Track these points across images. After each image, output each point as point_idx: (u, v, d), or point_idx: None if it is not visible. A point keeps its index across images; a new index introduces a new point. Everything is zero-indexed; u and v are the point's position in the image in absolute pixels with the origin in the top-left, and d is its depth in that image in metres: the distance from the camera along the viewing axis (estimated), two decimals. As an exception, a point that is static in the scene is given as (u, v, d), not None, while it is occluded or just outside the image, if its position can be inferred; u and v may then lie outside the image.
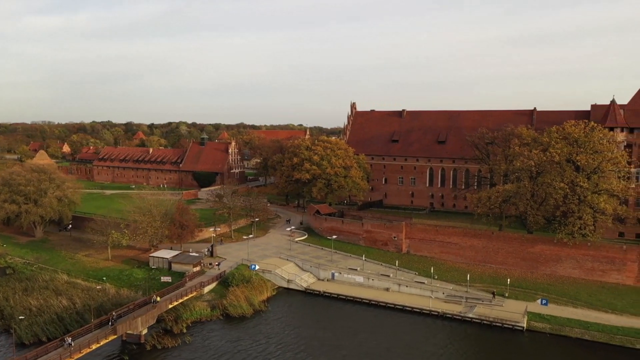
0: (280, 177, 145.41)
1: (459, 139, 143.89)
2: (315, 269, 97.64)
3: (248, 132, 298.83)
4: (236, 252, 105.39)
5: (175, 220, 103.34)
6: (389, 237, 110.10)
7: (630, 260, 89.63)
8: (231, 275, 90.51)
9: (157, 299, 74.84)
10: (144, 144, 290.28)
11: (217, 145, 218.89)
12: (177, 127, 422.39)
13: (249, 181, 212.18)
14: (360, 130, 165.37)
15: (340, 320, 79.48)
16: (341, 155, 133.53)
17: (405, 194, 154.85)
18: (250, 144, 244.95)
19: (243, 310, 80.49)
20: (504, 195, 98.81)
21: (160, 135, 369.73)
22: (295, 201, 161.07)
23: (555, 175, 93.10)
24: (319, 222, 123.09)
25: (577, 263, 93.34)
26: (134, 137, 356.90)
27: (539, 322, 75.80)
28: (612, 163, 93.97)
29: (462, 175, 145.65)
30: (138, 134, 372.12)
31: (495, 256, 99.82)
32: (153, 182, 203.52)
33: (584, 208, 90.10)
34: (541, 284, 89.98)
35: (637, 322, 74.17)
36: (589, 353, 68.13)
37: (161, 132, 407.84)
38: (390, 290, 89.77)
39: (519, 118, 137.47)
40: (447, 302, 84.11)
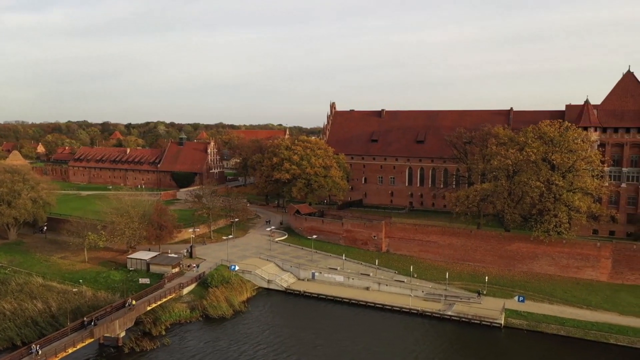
0: (260, 177, 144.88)
1: (438, 139, 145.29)
2: (296, 268, 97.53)
3: (227, 132, 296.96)
4: (216, 252, 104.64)
5: (154, 221, 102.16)
6: (369, 237, 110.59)
7: (604, 257, 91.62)
8: (211, 276, 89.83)
9: (132, 303, 73.76)
10: (121, 144, 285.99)
11: (195, 145, 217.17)
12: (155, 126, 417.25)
13: (228, 181, 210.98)
14: (340, 130, 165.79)
15: (320, 319, 79.60)
16: (321, 155, 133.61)
17: (384, 194, 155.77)
18: (230, 143, 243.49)
19: (223, 311, 79.98)
20: (482, 194, 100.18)
21: (137, 135, 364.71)
22: (275, 201, 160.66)
23: (531, 174, 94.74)
24: (299, 222, 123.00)
25: (553, 260, 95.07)
26: (111, 137, 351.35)
27: (516, 318, 76.97)
28: (586, 162, 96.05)
29: (440, 174, 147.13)
30: (115, 134, 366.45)
31: (474, 254, 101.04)
32: (131, 182, 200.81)
33: (559, 206, 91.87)
34: (518, 281, 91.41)
35: (611, 318, 75.89)
36: (564, 348, 69.41)
37: (139, 132, 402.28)
38: (370, 289, 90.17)
39: (496, 118, 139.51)
40: (427, 300, 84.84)
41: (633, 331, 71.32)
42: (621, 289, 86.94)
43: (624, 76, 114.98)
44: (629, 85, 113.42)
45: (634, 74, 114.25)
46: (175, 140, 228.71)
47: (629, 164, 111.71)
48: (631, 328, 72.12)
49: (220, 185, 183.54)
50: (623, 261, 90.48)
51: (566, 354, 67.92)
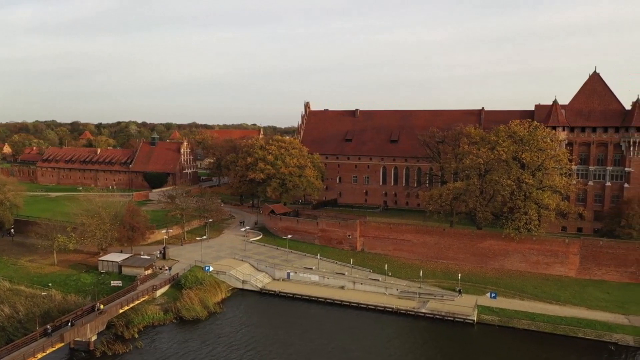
0: (234, 177, 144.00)
1: (411, 138, 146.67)
2: (271, 269, 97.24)
3: (200, 132, 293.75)
4: (189, 253, 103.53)
5: (126, 222, 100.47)
6: (344, 236, 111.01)
7: (572, 253, 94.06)
8: (184, 277, 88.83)
9: (100, 307, 72.21)
10: (92, 144, 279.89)
11: (168, 145, 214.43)
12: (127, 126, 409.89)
13: (202, 181, 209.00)
14: (314, 129, 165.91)
15: (295, 319, 79.60)
16: (295, 155, 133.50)
17: (359, 193, 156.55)
18: (203, 143, 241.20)
19: (197, 313, 79.18)
20: (455, 192, 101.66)
21: (108, 135, 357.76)
22: (249, 201, 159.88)
23: (502, 172, 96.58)
24: (274, 221, 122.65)
25: (524, 257, 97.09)
26: (81, 137, 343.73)
27: (488, 315, 78.34)
28: (555, 160, 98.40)
29: (414, 173, 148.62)
30: (85, 134, 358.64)
31: (447, 252, 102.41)
32: (101, 183, 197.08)
33: (529, 204, 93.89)
34: (490, 278, 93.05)
35: (579, 312, 77.95)
36: (535, 343, 70.91)
37: (110, 131, 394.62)
38: (345, 288, 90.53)
39: (467, 117, 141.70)
40: (401, 298, 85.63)
41: (600, 325, 73.37)
42: (588, 284, 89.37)
43: (590, 77, 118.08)
44: (595, 86, 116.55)
45: (599, 75, 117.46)
46: (148, 140, 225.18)
47: (596, 163, 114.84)
48: (598, 322, 74.19)
49: (193, 185, 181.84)
50: (590, 257, 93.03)
51: (536, 349, 69.37)
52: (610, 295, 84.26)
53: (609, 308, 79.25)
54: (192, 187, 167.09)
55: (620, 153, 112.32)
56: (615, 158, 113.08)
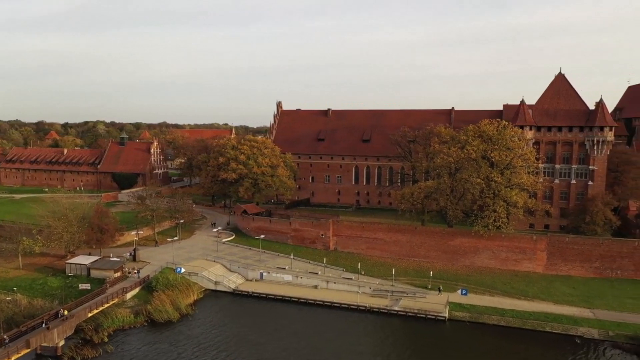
0: (206, 177, 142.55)
1: (383, 138, 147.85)
2: (244, 269, 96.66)
3: (171, 132, 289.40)
4: (161, 255, 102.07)
5: (94, 224, 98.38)
6: (317, 235, 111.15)
7: (539, 249, 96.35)
8: (155, 279, 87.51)
9: (64, 313, 70.38)
10: (58, 144, 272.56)
11: (138, 145, 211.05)
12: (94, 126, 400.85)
13: (173, 182, 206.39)
14: (287, 129, 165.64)
15: (267, 319, 79.35)
16: (268, 154, 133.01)
17: (332, 192, 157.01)
18: (174, 143, 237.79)
19: (169, 315, 78.10)
20: (426, 191, 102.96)
21: (75, 135, 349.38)
22: (221, 201, 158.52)
23: (472, 171, 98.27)
24: (247, 222, 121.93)
25: (493, 254, 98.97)
26: (46, 137, 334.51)
27: (459, 311, 79.58)
28: (522, 159, 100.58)
29: (386, 172, 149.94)
30: (51, 134, 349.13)
31: (419, 250, 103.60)
32: (68, 184, 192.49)
33: (498, 202, 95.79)
34: (461, 275, 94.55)
35: (546, 307, 79.90)
36: (504, 338, 72.39)
37: (76, 131, 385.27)
38: (319, 287, 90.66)
39: (438, 117, 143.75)
40: (374, 296, 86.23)
41: (566, 319, 75.37)
42: (555, 280, 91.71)
43: (555, 77, 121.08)
44: (560, 86, 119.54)
45: (564, 75, 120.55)
46: (116, 140, 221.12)
47: (561, 161, 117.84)
48: (565, 316, 76.19)
49: (164, 186, 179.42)
50: (557, 253, 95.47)
51: (506, 343, 70.86)
52: (576, 290, 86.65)
53: (574, 302, 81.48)
54: (162, 187, 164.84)
55: (584, 152, 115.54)
56: (580, 156, 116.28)
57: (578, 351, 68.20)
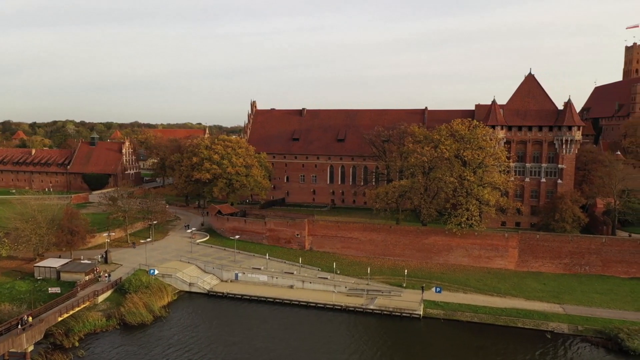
0: (179, 178, 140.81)
1: (358, 137, 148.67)
2: (218, 270, 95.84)
3: (143, 131, 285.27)
4: (133, 257, 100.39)
5: (64, 226, 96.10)
6: (292, 235, 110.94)
7: (511, 247, 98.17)
8: (128, 281, 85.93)
9: (28, 320, 68.40)
10: (25, 144, 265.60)
11: (109, 145, 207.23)
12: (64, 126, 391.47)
13: (145, 182, 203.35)
14: (261, 128, 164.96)
15: (242, 319, 78.88)
16: (242, 154, 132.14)
17: (307, 192, 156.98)
18: (146, 143, 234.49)
19: (142, 318, 76.81)
20: (400, 190, 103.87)
21: (44, 135, 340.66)
22: (195, 202, 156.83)
23: (445, 170, 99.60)
24: (221, 222, 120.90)
25: (466, 251, 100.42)
26: (13, 137, 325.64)
27: (434, 309, 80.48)
28: (494, 158, 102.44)
29: (360, 172, 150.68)
30: (18, 134, 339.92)
31: (394, 249, 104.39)
32: (37, 185, 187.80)
33: (471, 200, 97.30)
34: (435, 273, 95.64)
35: (518, 303, 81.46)
36: (478, 334, 73.54)
37: (45, 131, 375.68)
38: (294, 287, 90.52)
39: (412, 117, 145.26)
40: (350, 295, 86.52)
41: (537, 314, 77.00)
42: (527, 276, 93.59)
43: (526, 78, 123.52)
44: (530, 87, 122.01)
45: (534, 76, 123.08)
46: (87, 140, 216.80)
47: (532, 160, 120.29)
48: (536, 312, 77.83)
49: (136, 186, 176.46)
50: (528, 250, 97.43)
51: (479, 339, 71.94)
52: (546, 286, 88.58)
53: (545, 298, 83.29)
54: (135, 188, 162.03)
55: (554, 151, 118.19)
56: (549, 155, 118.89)
57: (549, 346, 69.72)
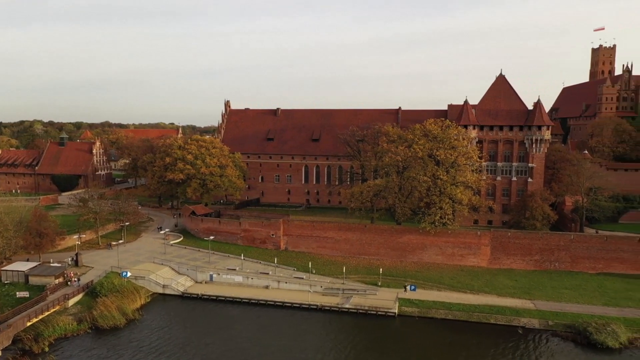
0: (152, 178, 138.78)
1: (332, 137, 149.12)
2: (193, 271, 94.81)
3: (114, 131, 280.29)
4: (105, 259, 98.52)
5: (32, 228, 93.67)
6: (267, 235, 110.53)
7: (483, 244, 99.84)
8: (99, 284, 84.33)
9: None
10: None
11: (79, 145, 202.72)
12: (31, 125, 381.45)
13: (117, 183, 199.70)
14: (235, 128, 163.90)
15: (217, 320, 78.29)
16: (216, 154, 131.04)
17: (282, 192, 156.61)
18: (117, 143, 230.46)
19: (115, 321, 75.44)
20: (375, 189, 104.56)
21: (10, 135, 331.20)
22: (168, 203, 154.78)
23: (419, 169, 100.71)
24: (195, 223, 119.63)
25: (440, 250, 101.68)
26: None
27: (408, 307, 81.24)
28: (466, 157, 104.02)
29: (335, 171, 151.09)
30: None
31: (369, 248, 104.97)
32: (3, 187, 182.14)
33: (444, 199, 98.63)
34: (410, 271, 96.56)
35: (491, 300, 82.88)
36: (452, 331, 74.54)
37: (11, 131, 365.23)
38: (270, 287, 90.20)
39: (386, 117, 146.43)
40: (325, 295, 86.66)
41: (509, 310, 78.48)
42: (499, 273, 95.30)
43: (496, 79, 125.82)
44: (501, 87, 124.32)
45: (505, 77, 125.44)
46: (55, 140, 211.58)
47: (503, 159, 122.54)
48: (508, 308, 79.29)
49: (108, 187, 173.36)
50: (500, 248, 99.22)
51: (453, 336, 72.95)
52: (517, 283, 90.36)
53: (517, 294, 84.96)
54: (106, 189, 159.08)
55: (524, 150, 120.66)
56: (520, 154, 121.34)
57: (521, 341, 71.17)
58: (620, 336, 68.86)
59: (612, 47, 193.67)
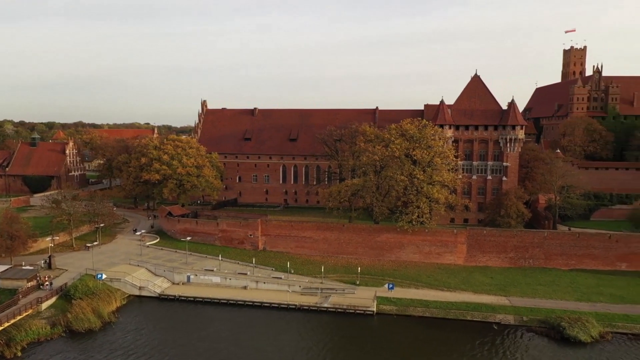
0: (127, 179, 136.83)
1: (310, 137, 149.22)
2: (170, 272, 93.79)
3: (88, 132, 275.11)
4: (79, 261, 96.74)
5: (3, 230, 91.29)
6: (245, 235, 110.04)
7: (460, 242, 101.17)
8: (74, 287, 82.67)
9: None
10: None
11: (51, 145, 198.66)
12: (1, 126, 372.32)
13: (91, 184, 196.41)
14: (212, 128, 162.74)
15: (194, 322, 77.52)
16: (193, 154, 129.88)
17: (259, 192, 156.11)
18: (91, 144, 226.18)
19: (90, 324, 74.05)
20: (353, 189, 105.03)
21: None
22: (144, 203, 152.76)
23: (396, 168, 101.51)
24: (172, 224, 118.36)
25: (417, 248, 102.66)
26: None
27: (386, 305, 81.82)
28: (442, 157, 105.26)
29: (313, 171, 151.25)
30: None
31: (347, 247, 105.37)
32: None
33: (421, 198, 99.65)
34: (388, 270, 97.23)
35: (467, 297, 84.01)
36: (429, 328, 75.30)
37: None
38: (248, 288, 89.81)
39: (363, 116, 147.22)
40: (304, 294, 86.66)
41: (485, 307, 79.70)
42: (475, 271, 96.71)
43: (471, 79, 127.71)
44: (476, 87, 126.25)
45: (480, 77, 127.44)
46: (27, 140, 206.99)
47: (478, 158, 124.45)
48: (484, 304, 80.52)
49: (81, 188, 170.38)
50: (475, 245, 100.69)
51: (431, 333, 73.73)
52: (493, 280, 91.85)
53: (492, 291, 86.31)
54: (80, 190, 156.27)
55: (499, 149, 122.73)
56: (495, 154, 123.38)
57: (496, 336, 72.33)
58: (592, 330, 70.52)
59: (583, 48, 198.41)
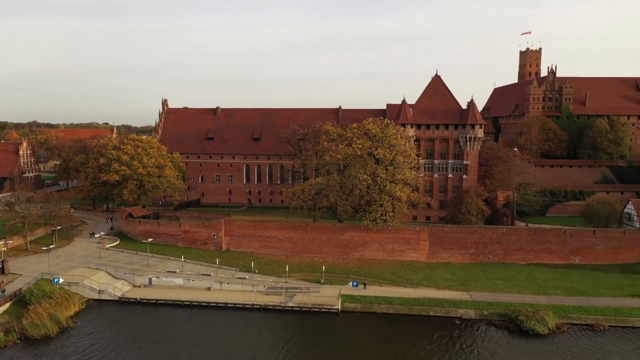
0: (85, 180, 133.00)
1: (273, 136, 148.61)
2: (130, 275, 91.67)
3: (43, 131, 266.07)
4: (34, 265, 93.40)
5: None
6: (208, 236, 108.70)
7: (422, 239, 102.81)
8: (29, 292, 79.76)
9: None
10: None
11: (4, 146, 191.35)
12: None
13: (46, 186, 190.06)
14: (173, 128, 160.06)
15: (155, 325, 75.95)
16: (154, 154, 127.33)
17: (222, 192, 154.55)
18: (47, 144, 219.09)
19: (47, 330, 71.55)
20: (316, 188, 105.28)
21: None
22: (103, 205, 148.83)
23: (359, 167, 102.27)
24: (132, 225, 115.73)
25: (381, 246, 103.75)
26: None
27: (351, 303, 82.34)
28: (404, 155, 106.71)
29: (277, 170, 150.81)
30: None
31: (311, 246, 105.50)
32: None
33: (384, 196, 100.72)
34: (352, 268, 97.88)
35: (429, 293, 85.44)
36: (393, 324, 76.21)
37: None
38: (212, 289, 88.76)
39: (326, 116, 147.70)
40: (268, 294, 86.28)
41: (447, 302, 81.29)
42: (437, 267, 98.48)
43: (432, 79, 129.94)
44: (437, 87, 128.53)
45: (440, 77, 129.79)
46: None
47: (439, 157, 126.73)
48: (446, 300, 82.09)
49: (37, 190, 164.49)
50: (437, 242, 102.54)
51: (395, 329, 74.60)
52: (454, 275, 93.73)
53: (454, 287, 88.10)
54: (35, 192, 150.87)
55: (459, 148, 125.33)
56: (455, 152, 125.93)
57: (458, 330, 73.87)
58: (549, 322, 72.91)
59: (538, 50, 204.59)
